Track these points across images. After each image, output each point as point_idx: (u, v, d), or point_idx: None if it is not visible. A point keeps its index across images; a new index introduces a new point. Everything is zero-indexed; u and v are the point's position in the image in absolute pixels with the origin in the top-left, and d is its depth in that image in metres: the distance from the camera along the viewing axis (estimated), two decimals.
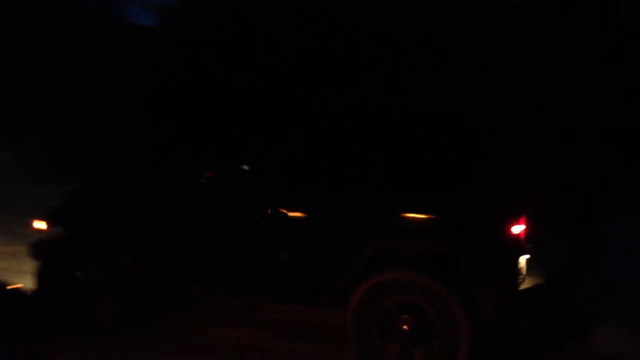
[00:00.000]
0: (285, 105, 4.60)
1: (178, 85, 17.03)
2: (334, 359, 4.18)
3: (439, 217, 3.70)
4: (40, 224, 4.53)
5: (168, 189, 4.40)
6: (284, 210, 4.00)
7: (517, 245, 3.58)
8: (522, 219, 3.60)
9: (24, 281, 5.21)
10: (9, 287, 5.07)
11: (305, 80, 14.50)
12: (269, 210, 4.01)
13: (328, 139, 4.19)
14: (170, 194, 4.38)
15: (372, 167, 3.98)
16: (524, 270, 3.65)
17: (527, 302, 3.67)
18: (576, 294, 4.46)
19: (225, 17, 17.45)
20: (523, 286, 3.67)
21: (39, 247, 4.51)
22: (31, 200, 9.12)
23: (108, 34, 19.70)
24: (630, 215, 8.42)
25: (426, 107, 4.30)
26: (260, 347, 4.36)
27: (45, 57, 17.05)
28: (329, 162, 4.08)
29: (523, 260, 3.64)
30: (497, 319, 3.67)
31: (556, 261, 3.93)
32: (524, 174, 3.97)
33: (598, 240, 4.57)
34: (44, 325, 4.49)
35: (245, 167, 4.39)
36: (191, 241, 4.32)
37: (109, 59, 18.54)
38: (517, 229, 3.57)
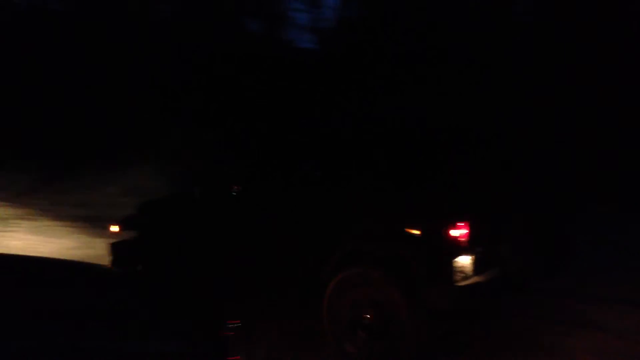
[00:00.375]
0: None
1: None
2: None
3: (392, 223, 4.34)
4: (114, 228, 5.80)
5: (202, 201, 5.44)
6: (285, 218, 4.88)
7: (456, 247, 4.11)
8: (464, 224, 4.12)
9: None
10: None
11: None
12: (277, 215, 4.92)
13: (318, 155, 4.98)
14: (204, 206, 5.42)
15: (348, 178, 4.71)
16: (466, 269, 4.16)
17: (467, 298, 4.16)
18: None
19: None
20: (467, 283, 4.15)
21: (113, 245, 5.77)
22: None
23: (271, 56, 21.36)
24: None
25: (383, 122, 4.93)
26: None
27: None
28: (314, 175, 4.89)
29: (465, 260, 4.14)
30: (438, 311, 4.19)
31: (508, 262, 4.34)
32: (471, 180, 4.45)
33: (562, 241, 4.81)
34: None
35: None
36: (219, 243, 5.29)
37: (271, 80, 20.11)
38: (457, 232, 4.10)
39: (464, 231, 4.13)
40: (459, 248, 4.13)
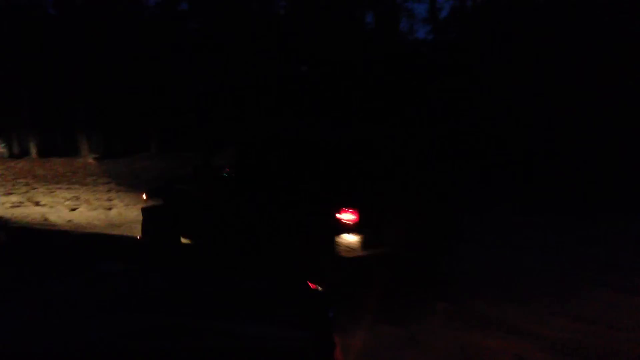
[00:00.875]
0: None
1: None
2: None
3: (306, 209, 5.86)
4: (145, 196, 7.94)
5: (199, 179, 7.24)
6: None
7: (345, 227, 5.54)
8: (353, 210, 5.53)
9: None
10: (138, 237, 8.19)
11: None
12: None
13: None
14: (200, 183, 7.23)
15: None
16: (352, 245, 5.57)
17: (352, 268, 5.57)
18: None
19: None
20: (353, 256, 5.58)
21: (144, 210, 8.01)
22: None
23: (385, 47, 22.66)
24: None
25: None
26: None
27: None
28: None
29: (350, 238, 5.56)
30: (328, 278, 5.62)
31: (393, 243, 5.71)
32: (368, 181, 5.86)
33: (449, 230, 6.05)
34: None
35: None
36: (223, 214, 7.01)
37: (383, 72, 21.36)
38: (346, 216, 5.52)
39: (352, 216, 5.54)
40: (347, 228, 5.56)
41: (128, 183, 18.19)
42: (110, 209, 14.04)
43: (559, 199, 11.61)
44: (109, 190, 17.32)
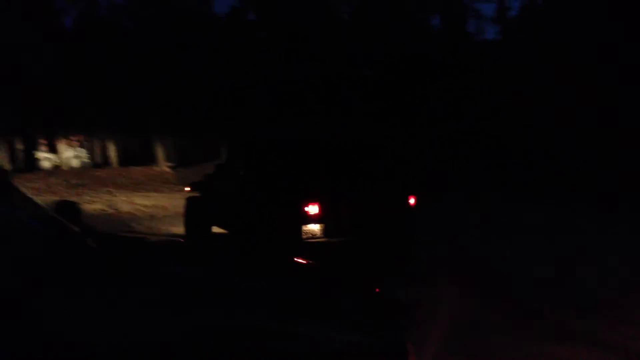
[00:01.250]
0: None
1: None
2: None
3: (281, 201, 7.04)
4: (187, 188, 9.79)
5: (220, 177, 8.64)
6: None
7: (305, 217, 6.71)
8: (315, 203, 6.67)
9: None
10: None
11: None
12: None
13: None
14: (220, 179, 8.58)
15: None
16: (314, 232, 6.72)
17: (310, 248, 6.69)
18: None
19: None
20: (313, 241, 6.71)
21: (187, 199, 9.72)
22: None
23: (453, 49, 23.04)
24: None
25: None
26: None
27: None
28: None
29: (313, 226, 6.69)
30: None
31: (351, 232, 6.81)
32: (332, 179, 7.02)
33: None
34: None
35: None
36: (232, 205, 8.34)
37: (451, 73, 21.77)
38: (309, 208, 6.67)
39: (315, 207, 6.68)
40: (310, 218, 6.69)
41: None
42: None
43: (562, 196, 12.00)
44: (184, 197, 18.37)
